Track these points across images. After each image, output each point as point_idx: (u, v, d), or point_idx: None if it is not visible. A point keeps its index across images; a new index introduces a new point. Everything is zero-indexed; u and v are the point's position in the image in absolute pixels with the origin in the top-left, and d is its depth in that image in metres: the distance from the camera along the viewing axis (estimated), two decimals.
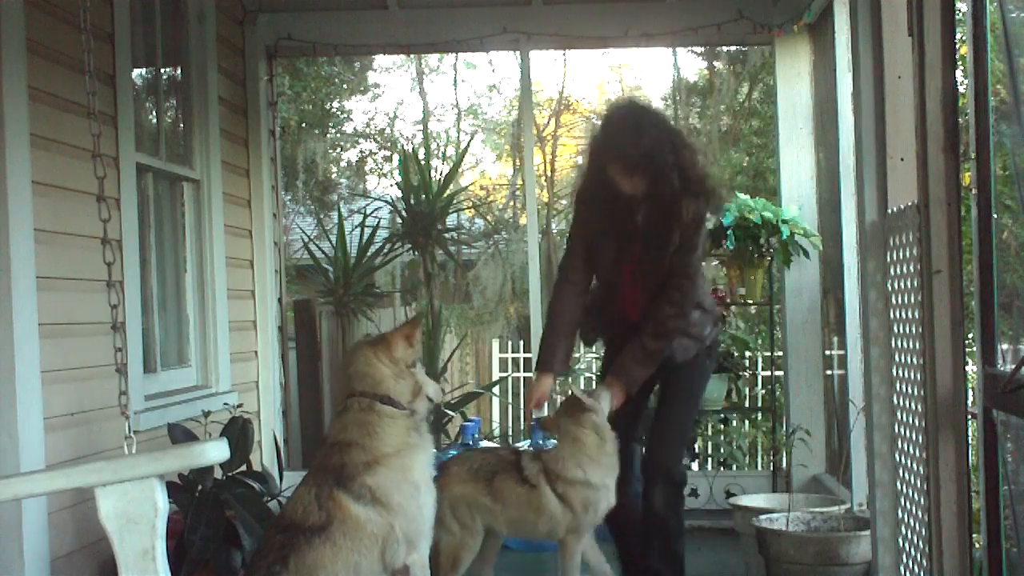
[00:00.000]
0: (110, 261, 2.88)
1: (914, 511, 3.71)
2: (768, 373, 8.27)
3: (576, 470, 4.11)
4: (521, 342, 11.86)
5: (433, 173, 10.28)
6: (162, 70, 5.59)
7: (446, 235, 9.65)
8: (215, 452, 2.66)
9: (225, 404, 5.18)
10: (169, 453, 2.72)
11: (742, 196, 6.10)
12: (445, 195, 9.40)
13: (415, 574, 3.50)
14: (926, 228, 3.39)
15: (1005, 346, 3.12)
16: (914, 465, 3.68)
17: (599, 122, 4.41)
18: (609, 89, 16.61)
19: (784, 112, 6.41)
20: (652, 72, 21.53)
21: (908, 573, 3.81)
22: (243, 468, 4.59)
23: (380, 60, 15.10)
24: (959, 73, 3.34)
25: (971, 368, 3.42)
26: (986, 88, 3.01)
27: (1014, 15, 2.99)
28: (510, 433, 10.00)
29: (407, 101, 18.74)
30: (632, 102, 4.55)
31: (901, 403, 3.85)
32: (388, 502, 3.45)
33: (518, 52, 6.84)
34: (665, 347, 4.21)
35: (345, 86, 14.46)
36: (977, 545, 3.30)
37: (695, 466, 8.02)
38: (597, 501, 4.14)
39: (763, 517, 4.83)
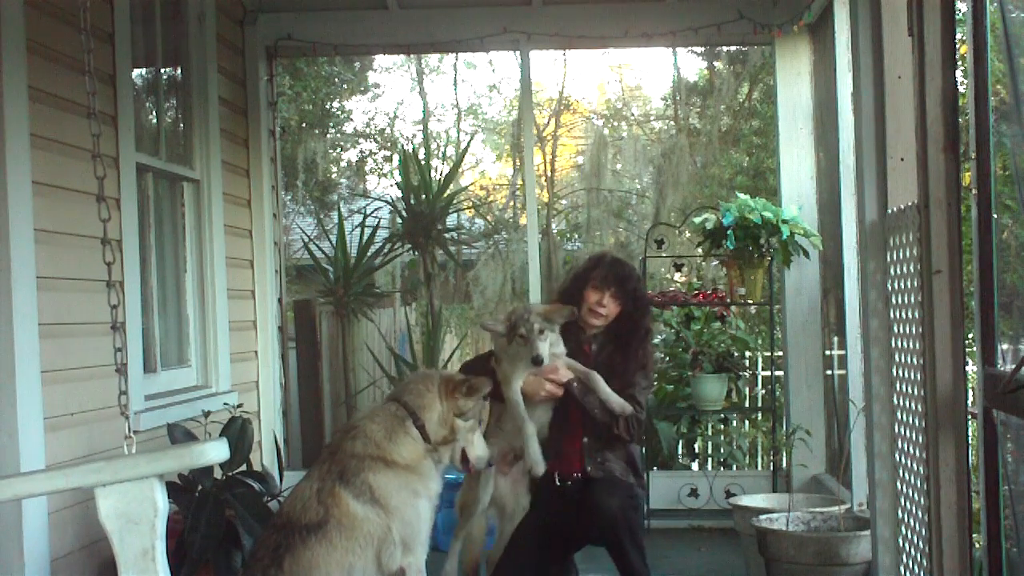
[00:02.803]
0: (110, 261, 2.89)
1: (914, 511, 3.71)
2: (768, 373, 8.27)
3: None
4: None
5: (433, 173, 10.31)
6: (162, 70, 5.59)
7: (446, 235, 9.67)
8: (214, 452, 2.66)
9: (225, 404, 5.18)
10: (168, 453, 2.72)
11: (742, 196, 6.10)
12: (445, 195, 9.42)
13: None
14: (926, 228, 3.39)
15: (1005, 346, 3.12)
16: (914, 465, 3.68)
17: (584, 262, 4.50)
18: (609, 89, 16.62)
19: (784, 112, 6.42)
20: (652, 72, 21.56)
21: (908, 573, 3.80)
22: (243, 468, 4.59)
23: (380, 60, 15.10)
24: (959, 73, 3.34)
25: (971, 368, 3.42)
26: (986, 88, 3.01)
27: (1014, 15, 2.99)
28: None
29: (407, 101, 18.74)
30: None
31: (901, 403, 3.85)
32: (387, 503, 3.49)
33: (518, 52, 6.84)
34: (616, 425, 4.13)
35: (345, 86, 14.45)
36: (977, 545, 3.30)
37: (695, 466, 8.04)
38: None
39: (763, 517, 4.83)
